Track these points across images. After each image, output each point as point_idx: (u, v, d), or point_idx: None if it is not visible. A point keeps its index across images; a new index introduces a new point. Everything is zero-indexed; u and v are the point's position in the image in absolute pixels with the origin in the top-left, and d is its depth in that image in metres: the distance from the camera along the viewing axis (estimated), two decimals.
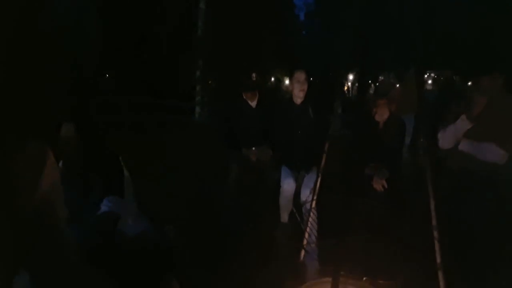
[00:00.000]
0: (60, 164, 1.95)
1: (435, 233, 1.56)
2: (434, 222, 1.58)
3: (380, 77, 18.74)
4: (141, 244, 2.11)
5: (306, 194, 2.58)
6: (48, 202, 1.06)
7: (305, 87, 2.90)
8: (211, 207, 1.98)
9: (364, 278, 1.50)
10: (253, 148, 3.07)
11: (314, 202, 2.19)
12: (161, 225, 2.23)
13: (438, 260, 1.76)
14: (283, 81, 19.93)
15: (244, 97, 3.19)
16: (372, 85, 17.61)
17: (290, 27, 21.04)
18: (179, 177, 3.34)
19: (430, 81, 20.84)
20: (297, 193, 2.78)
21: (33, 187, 0.95)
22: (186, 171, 3.44)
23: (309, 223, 1.97)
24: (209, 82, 13.57)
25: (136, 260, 2.11)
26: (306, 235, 1.79)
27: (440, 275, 1.70)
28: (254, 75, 3.23)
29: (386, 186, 2.58)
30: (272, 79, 23.56)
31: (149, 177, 2.38)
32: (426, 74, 20.03)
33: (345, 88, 18.55)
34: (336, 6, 17.05)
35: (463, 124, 2.38)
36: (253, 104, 3.19)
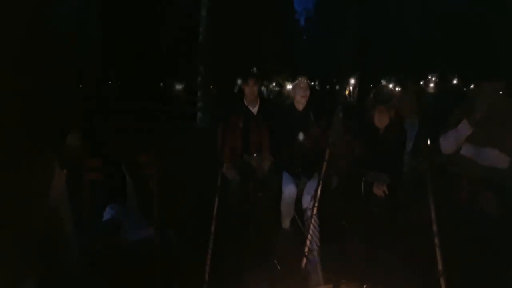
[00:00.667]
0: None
1: (436, 240, 1.56)
2: (435, 228, 1.58)
3: (381, 82, 18.76)
4: (143, 250, 2.12)
5: (307, 201, 2.58)
6: (56, 209, 1.08)
7: (307, 93, 2.92)
8: (212, 212, 1.98)
9: (365, 286, 1.50)
10: (254, 155, 3.07)
11: (315, 209, 2.19)
12: (163, 230, 2.23)
13: (440, 266, 1.76)
14: (284, 86, 20.01)
15: (246, 103, 3.19)
16: (374, 89, 17.61)
17: (291, 33, 21.14)
18: (180, 183, 3.35)
19: (432, 85, 20.82)
20: (298, 199, 2.78)
21: (41, 195, 0.97)
22: (187, 176, 3.45)
23: (310, 229, 1.97)
24: (211, 87, 13.64)
25: (138, 265, 2.12)
26: (308, 242, 1.79)
27: (442, 281, 1.70)
28: (254, 68, 3.24)
29: (387, 192, 2.58)
30: (273, 84, 23.67)
31: (150, 182, 2.39)
32: (428, 77, 20.01)
33: (346, 92, 18.55)
34: (336, 11, 17.15)
35: (464, 128, 2.38)
36: (254, 110, 3.19)
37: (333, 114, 2.90)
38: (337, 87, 21.57)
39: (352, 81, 18.64)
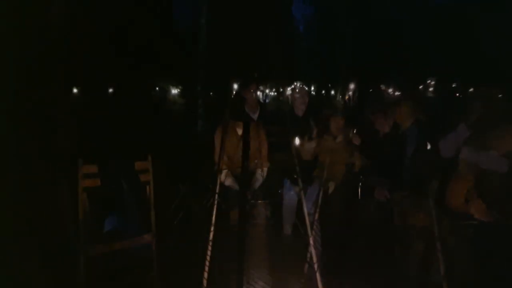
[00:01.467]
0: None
1: (438, 245, 1.56)
2: (436, 232, 1.58)
3: (381, 86, 18.80)
4: (142, 258, 2.13)
5: (309, 206, 2.59)
6: (63, 220, 1.13)
7: (306, 99, 2.95)
8: (210, 219, 1.99)
9: None
10: (255, 161, 3.08)
11: (317, 215, 2.20)
12: (163, 236, 2.24)
13: (442, 271, 1.77)
14: (284, 91, 20.04)
15: (246, 109, 3.20)
16: (373, 93, 17.64)
17: (290, 39, 21.26)
18: (180, 187, 3.34)
19: (431, 89, 20.87)
20: (299, 205, 2.79)
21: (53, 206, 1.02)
22: (187, 181, 3.42)
23: (312, 235, 1.98)
24: (211, 93, 13.68)
25: (138, 273, 2.13)
26: (310, 248, 1.80)
27: (444, 285, 1.70)
28: (255, 74, 3.21)
29: (388, 196, 2.60)
30: (269, 89, 23.75)
31: (159, 187, 2.41)
32: (427, 81, 20.07)
33: (346, 97, 18.60)
34: (335, 17, 17.25)
35: (462, 131, 2.40)
36: (255, 116, 3.20)
37: (332, 119, 2.94)
38: (336, 92, 21.64)
39: (352, 85, 18.69)
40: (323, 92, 23.59)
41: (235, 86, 3.03)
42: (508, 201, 1.98)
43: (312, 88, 23.25)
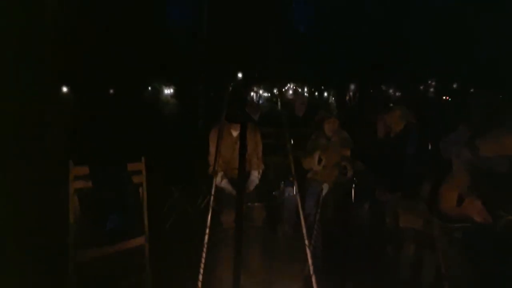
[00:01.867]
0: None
1: (438, 244, 1.56)
2: (436, 233, 1.58)
3: (381, 87, 18.81)
4: (135, 261, 2.12)
5: (309, 207, 2.59)
6: (60, 223, 1.14)
7: (305, 99, 2.96)
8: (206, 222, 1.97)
9: None
10: (254, 161, 3.07)
11: (318, 215, 2.20)
12: (156, 238, 2.23)
13: (443, 271, 1.76)
14: (282, 93, 19.95)
15: (247, 110, 3.20)
16: (374, 94, 17.63)
17: (291, 39, 21.24)
18: (173, 189, 3.34)
19: (431, 89, 20.86)
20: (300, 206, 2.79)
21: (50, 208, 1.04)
22: (182, 182, 3.42)
23: (313, 235, 1.98)
24: (211, 94, 13.68)
25: (130, 277, 2.12)
26: (311, 247, 1.79)
27: (445, 285, 1.70)
28: (256, 74, 3.15)
29: (389, 197, 2.60)
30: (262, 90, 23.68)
31: (152, 188, 2.38)
32: (428, 82, 20.07)
33: (347, 98, 18.61)
34: (335, 18, 17.24)
35: (463, 132, 2.40)
36: (256, 117, 3.21)
37: (326, 121, 2.94)
38: (329, 94, 21.54)
39: (352, 86, 18.69)
40: (316, 93, 23.36)
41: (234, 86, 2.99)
42: (508, 202, 1.97)
43: (306, 90, 23.07)
